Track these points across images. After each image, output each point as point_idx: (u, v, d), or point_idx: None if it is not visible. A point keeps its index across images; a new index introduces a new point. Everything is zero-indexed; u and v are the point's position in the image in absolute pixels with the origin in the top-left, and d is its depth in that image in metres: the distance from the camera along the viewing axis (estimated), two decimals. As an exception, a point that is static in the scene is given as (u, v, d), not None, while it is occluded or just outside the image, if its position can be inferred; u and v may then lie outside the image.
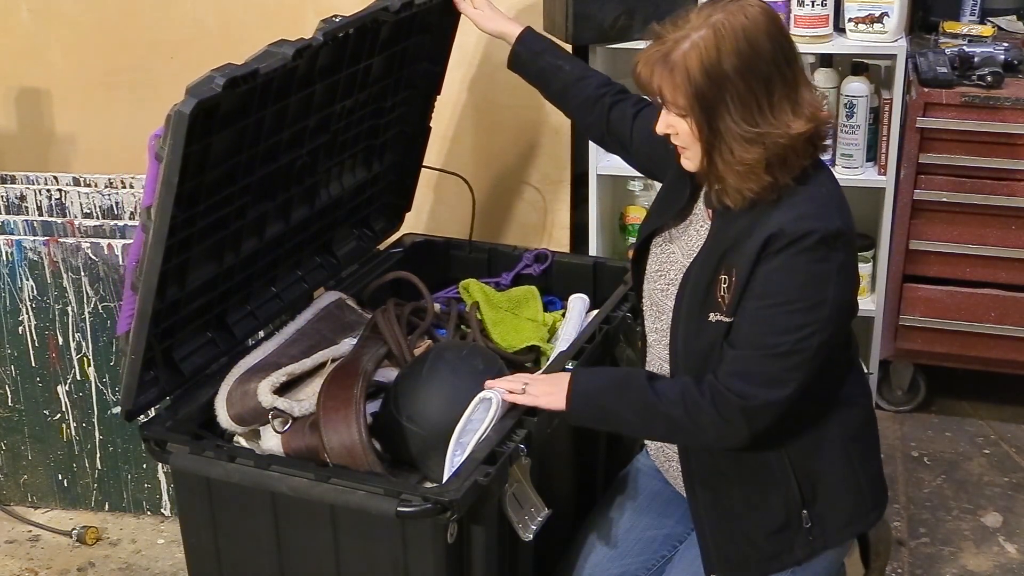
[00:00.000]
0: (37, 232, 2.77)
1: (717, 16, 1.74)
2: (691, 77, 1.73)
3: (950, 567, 2.67)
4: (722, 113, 1.74)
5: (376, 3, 2.20)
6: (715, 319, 1.81)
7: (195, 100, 1.74)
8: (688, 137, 1.79)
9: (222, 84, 1.76)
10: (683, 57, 1.73)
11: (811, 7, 2.81)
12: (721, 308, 1.80)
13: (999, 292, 2.96)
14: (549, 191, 3.29)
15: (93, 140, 3.50)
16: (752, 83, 1.73)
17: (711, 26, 1.73)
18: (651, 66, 1.77)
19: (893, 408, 3.23)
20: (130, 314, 1.89)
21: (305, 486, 1.84)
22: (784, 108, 1.75)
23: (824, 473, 1.88)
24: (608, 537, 2.07)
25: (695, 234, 1.92)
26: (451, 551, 1.82)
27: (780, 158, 1.75)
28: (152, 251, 1.83)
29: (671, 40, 1.76)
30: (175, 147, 1.75)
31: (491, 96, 3.23)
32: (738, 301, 1.78)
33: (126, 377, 1.94)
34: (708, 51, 1.72)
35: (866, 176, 2.95)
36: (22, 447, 2.85)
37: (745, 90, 1.73)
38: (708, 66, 1.72)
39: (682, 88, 1.74)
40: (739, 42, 1.72)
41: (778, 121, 1.75)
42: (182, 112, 1.73)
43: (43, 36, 3.43)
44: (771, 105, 1.75)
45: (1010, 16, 3.21)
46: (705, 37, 1.73)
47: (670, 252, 1.96)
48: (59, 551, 2.79)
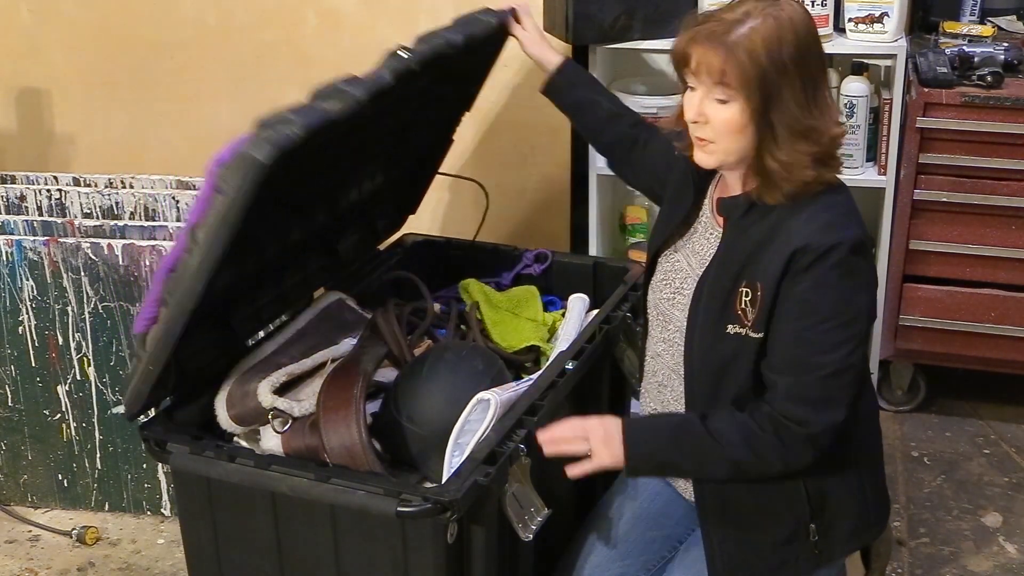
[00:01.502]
0: (37, 232, 2.77)
1: (771, 9, 1.73)
2: (755, 59, 1.69)
3: (950, 567, 2.67)
4: (777, 101, 1.71)
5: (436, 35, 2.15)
6: (734, 331, 1.79)
7: (275, 150, 1.67)
8: (724, 127, 1.75)
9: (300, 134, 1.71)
10: (746, 38, 1.70)
11: (811, 7, 2.81)
12: (742, 321, 1.78)
13: (999, 292, 2.96)
14: (549, 191, 3.29)
15: (93, 140, 3.50)
16: (805, 76, 1.72)
17: (769, 16, 1.72)
18: (708, 42, 1.72)
19: (893, 408, 3.23)
20: (151, 317, 1.85)
21: (305, 486, 1.84)
22: (826, 104, 1.76)
23: (834, 487, 1.87)
24: (608, 538, 2.07)
25: (704, 242, 1.91)
26: (451, 551, 1.82)
27: (825, 155, 1.75)
28: (194, 277, 1.78)
29: (728, 20, 1.72)
30: (243, 191, 1.68)
31: (491, 96, 3.23)
32: (768, 318, 1.76)
33: (138, 383, 1.92)
34: (770, 37, 1.70)
35: (866, 176, 2.95)
36: (22, 447, 2.85)
37: (800, 82, 1.72)
38: (772, 50, 1.70)
39: (746, 67, 1.70)
40: (798, 36, 1.72)
41: (826, 115, 1.75)
42: (260, 162, 1.66)
43: (43, 36, 3.43)
44: (820, 99, 1.75)
45: (1010, 16, 3.21)
46: (766, 24, 1.71)
47: (675, 260, 1.95)
48: (59, 551, 2.79)
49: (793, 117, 1.72)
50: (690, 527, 2.03)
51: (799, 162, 1.74)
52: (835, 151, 1.78)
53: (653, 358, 2.02)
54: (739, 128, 1.74)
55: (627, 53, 3.06)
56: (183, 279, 1.79)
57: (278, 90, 3.35)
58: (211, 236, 1.74)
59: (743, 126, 1.74)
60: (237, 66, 3.32)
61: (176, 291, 1.81)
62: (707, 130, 1.77)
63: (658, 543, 2.06)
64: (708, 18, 1.76)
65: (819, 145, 1.74)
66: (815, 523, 1.87)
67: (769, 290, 1.75)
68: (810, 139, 1.73)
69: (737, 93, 1.72)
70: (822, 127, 1.74)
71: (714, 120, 1.76)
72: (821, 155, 1.75)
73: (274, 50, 3.31)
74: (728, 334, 1.80)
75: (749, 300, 1.78)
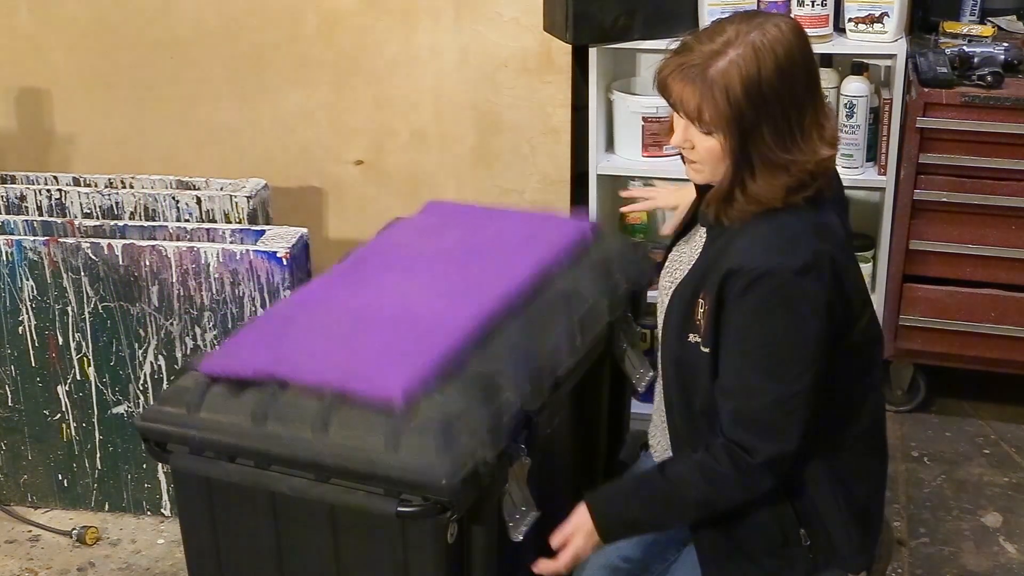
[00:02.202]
0: (37, 232, 2.77)
1: (754, 34, 1.68)
2: (731, 96, 1.67)
3: (950, 567, 2.67)
4: (756, 138, 1.69)
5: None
6: (694, 340, 1.79)
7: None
8: (707, 155, 1.75)
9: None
10: (723, 74, 1.67)
11: (811, 7, 2.81)
12: (699, 331, 1.78)
13: (999, 292, 2.95)
14: (549, 191, 3.29)
15: (93, 140, 3.50)
16: (788, 108, 1.69)
17: (749, 44, 1.67)
18: (685, 78, 1.70)
19: (893, 408, 3.23)
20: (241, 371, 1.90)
21: (305, 486, 1.84)
22: (812, 134, 1.72)
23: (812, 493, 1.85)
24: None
25: (696, 244, 1.90)
26: (451, 551, 1.82)
27: (800, 183, 1.72)
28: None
29: (705, 52, 1.69)
30: None
31: (491, 96, 3.23)
32: (713, 335, 1.75)
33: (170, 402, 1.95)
34: (748, 71, 1.66)
35: (866, 176, 2.95)
36: (22, 447, 2.85)
37: (781, 115, 1.69)
38: (749, 86, 1.66)
39: (720, 107, 1.68)
40: (779, 64, 1.67)
41: (807, 147, 1.71)
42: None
43: (43, 36, 3.43)
44: (802, 131, 1.71)
45: (1010, 16, 3.21)
46: (744, 56, 1.66)
47: (682, 252, 1.94)
48: (59, 551, 2.79)
49: (772, 151, 1.70)
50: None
51: (772, 195, 1.72)
52: (819, 175, 1.74)
53: (660, 368, 1.99)
54: (722, 157, 1.73)
55: (627, 53, 3.06)
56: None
57: (278, 90, 3.36)
58: None
59: (725, 156, 1.73)
60: (237, 66, 3.32)
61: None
62: (693, 154, 1.78)
63: (660, 544, 2.06)
64: (690, 47, 1.71)
65: (799, 175, 1.71)
66: (804, 528, 1.85)
67: (711, 308, 1.74)
68: (789, 171, 1.71)
69: (715, 129, 1.71)
70: (803, 158, 1.71)
71: (698, 147, 1.75)
72: (798, 185, 1.72)
73: (274, 50, 3.31)
74: (689, 342, 1.80)
75: (703, 312, 1.77)
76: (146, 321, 2.67)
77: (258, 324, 2.05)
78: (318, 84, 3.34)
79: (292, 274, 2.59)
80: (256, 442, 1.86)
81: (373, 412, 1.81)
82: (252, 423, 1.87)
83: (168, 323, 2.66)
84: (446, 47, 3.23)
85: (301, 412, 1.85)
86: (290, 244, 2.59)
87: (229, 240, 2.69)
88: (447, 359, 1.89)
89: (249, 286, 2.60)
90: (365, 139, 3.38)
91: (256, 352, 1.94)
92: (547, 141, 3.25)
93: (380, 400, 1.81)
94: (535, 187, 3.31)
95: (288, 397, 1.88)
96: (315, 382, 1.87)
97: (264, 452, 1.85)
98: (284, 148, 3.42)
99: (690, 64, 1.70)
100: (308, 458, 1.82)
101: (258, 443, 1.85)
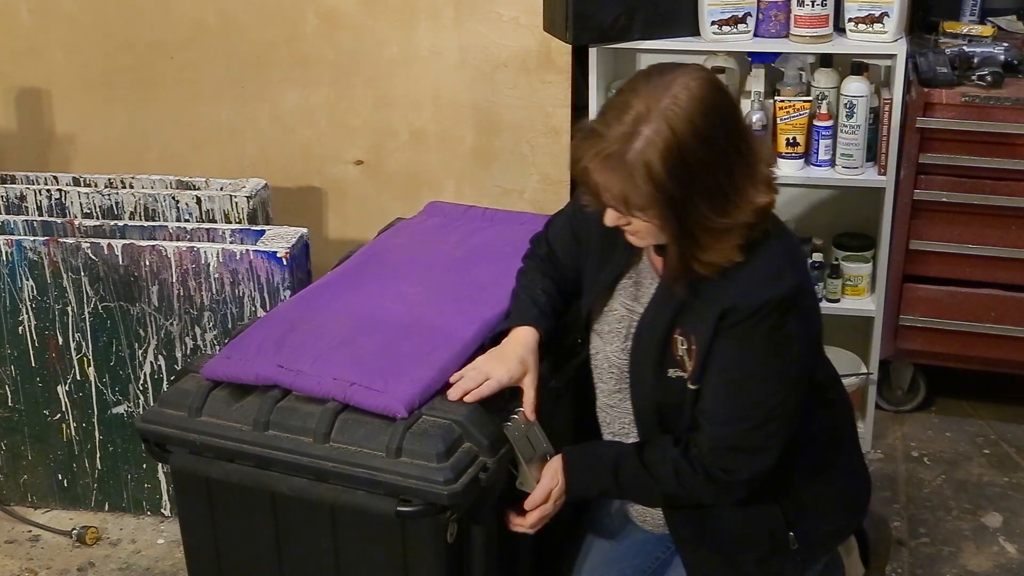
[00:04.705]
0: (37, 232, 2.77)
1: (665, 102, 1.59)
2: (654, 177, 1.59)
3: (950, 567, 2.67)
4: (690, 210, 1.63)
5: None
6: (676, 375, 1.78)
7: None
8: (646, 231, 1.70)
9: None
10: (641, 156, 1.59)
11: (811, 7, 2.81)
12: (683, 366, 1.77)
13: (999, 292, 2.95)
14: (549, 191, 3.29)
15: (93, 140, 3.50)
16: (717, 172, 1.62)
17: (661, 117, 1.59)
18: (604, 167, 1.62)
19: (893, 408, 3.23)
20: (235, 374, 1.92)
21: (305, 486, 1.84)
22: (746, 187, 1.66)
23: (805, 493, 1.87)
24: (605, 539, 2.06)
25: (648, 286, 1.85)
26: (451, 551, 1.82)
27: (749, 230, 1.68)
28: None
29: (618, 135, 1.60)
30: None
31: (491, 96, 3.23)
32: (702, 370, 1.74)
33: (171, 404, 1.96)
34: (668, 147, 1.58)
35: (866, 176, 2.95)
36: (22, 447, 2.85)
37: (712, 182, 1.62)
38: (671, 163, 1.59)
39: (645, 190, 1.60)
40: (697, 130, 1.59)
41: (744, 203, 1.65)
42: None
43: (43, 36, 3.43)
44: (736, 190, 1.64)
45: (1010, 16, 3.21)
46: (659, 131, 1.58)
47: (618, 314, 1.89)
48: (59, 551, 2.79)
49: (710, 220, 1.64)
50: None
51: (727, 256, 1.68)
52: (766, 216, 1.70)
53: (605, 411, 1.97)
54: (661, 229, 1.68)
55: (627, 53, 3.06)
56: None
57: (278, 90, 3.36)
58: None
59: (664, 230, 1.68)
60: (237, 66, 3.32)
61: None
62: (631, 228, 1.72)
63: (651, 544, 2.06)
64: (599, 133, 1.63)
65: (745, 232, 1.67)
66: (793, 532, 1.86)
67: (703, 347, 1.73)
68: (734, 232, 1.66)
69: (646, 211, 1.65)
70: (743, 218, 1.65)
71: (635, 224, 1.70)
72: (748, 236, 1.68)
73: (274, 50, 3.31)
74: (669, 378, 1.79)
75: (686, 350, 1.76)
76: (146, 321, 2.67)
77: (260, 327, 2.05)
78: (318, 84, 3.34)
79: (292, 274, 2.59)
80: (257, 448, 1.86)
81: (375, 420, 1.82)
82: (253, 429, 1.87)
83: (168, 323, 2.66)
84: (446, 47, 3.23)
85: (303, 419, 1.85)
86: (290, 244, 2.59)
87: (229, 240, 2.69)
88: (449, 367, 1.90)
89: (249, 286, 2.60)
90: (365, 139, 3.38)
91: (258, 357, 1.94)
92: (547, 141, 3.25)
93: (382, 408, 1.82)
94: (535, 187, 3.31)
95: (290, 404, 1.89)
96: (317, 389, 1.87)
97: (265, 458, 1.86)
98: (284, 148, 3.42)
99: (605, 152, 1.61)
100: (309, 465, 1.82)
101: (259, 449, 1.86)
